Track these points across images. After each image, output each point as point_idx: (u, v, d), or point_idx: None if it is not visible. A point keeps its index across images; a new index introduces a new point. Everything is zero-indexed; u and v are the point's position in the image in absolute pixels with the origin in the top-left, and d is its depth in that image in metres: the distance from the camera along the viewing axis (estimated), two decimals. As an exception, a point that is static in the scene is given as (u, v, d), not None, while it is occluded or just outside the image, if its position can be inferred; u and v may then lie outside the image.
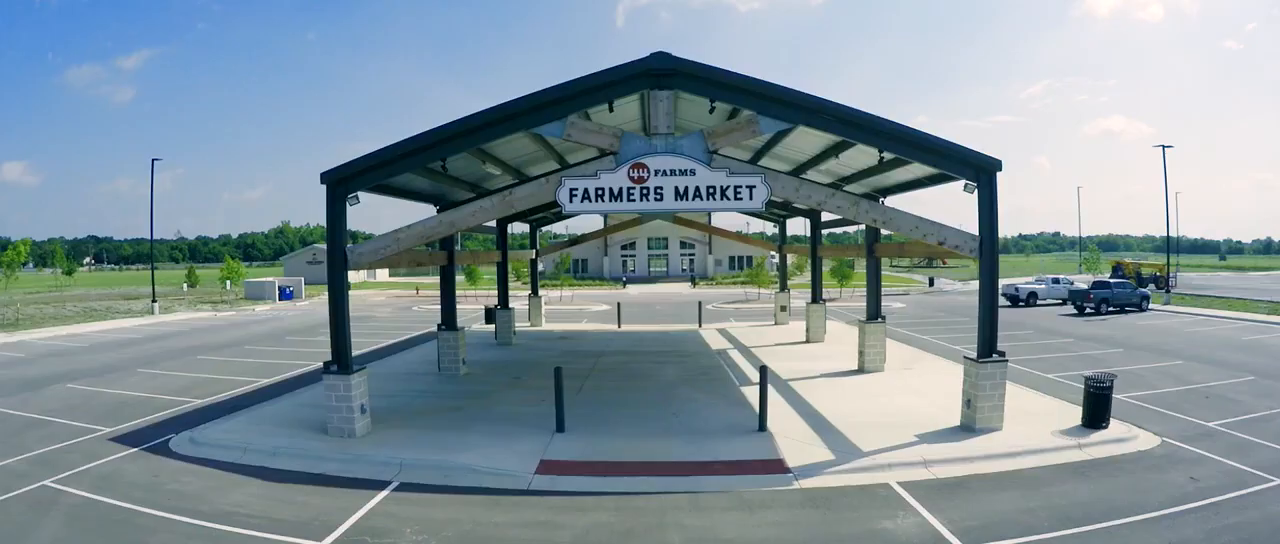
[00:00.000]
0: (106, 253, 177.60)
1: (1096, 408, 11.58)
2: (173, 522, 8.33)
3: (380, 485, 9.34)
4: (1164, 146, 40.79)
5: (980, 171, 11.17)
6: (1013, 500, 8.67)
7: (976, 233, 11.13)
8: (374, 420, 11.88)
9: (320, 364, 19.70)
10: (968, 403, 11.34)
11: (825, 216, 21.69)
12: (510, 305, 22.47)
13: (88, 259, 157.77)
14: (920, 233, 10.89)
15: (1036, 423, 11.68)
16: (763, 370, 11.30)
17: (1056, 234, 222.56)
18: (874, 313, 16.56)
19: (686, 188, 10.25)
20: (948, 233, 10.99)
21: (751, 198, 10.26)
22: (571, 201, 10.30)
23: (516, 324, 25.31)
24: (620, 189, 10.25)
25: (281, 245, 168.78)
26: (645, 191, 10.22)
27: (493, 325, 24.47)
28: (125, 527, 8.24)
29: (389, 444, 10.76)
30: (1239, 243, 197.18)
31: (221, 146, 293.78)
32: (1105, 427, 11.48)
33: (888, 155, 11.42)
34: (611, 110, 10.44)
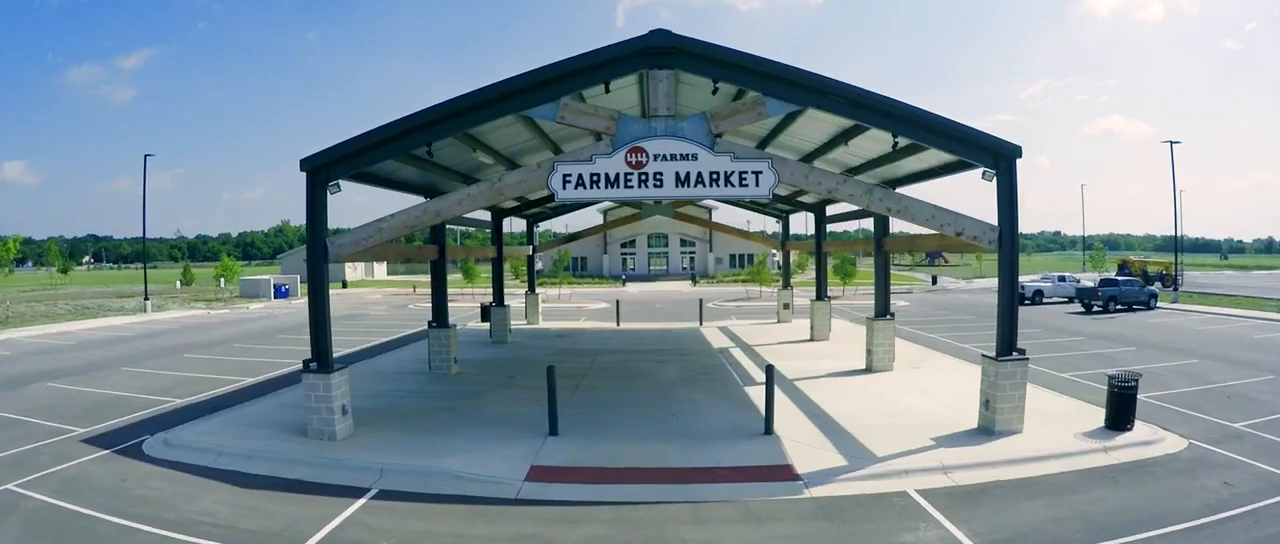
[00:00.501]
0: (106, 252, 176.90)
1: (1121, 409, 10.96)
2: (132, 530, 7.75)
3: (358, 493, 8.69)
4: (1171, 142, 40.12)
5: (999, 157, 10.54)
6: (1040, 509, 8.03)
7: (995, 223, 10.49)
8: (358, 422, 11.25)
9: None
10: (986, 404, 10.69)
11: (830, 211, 21.04)
12: (506, 303, 21.82)
13: (87, 258, 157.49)
14: (937, 223, 10.24)
15: (1057, 425, 11.05)
16: (769, 369, 10.63)
17: (1057, 233, 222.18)
18: (882, 310, 15.89)
19: (688, 173, 9.57)
20: (965, 223, 10.34)
21: (758, 184, 9.58)
22: (564, 188, 9.63)
23: (513, 322, 24.71)
24: (617, 175, 9.57)
25: (281, 244, 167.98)
26: (644, 177, 9.54)
27: (488, 323, 23.83)
28: (83, 535, 7.68)
29: (370, 448, 10.12)
30: (1240, 242, 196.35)
31: (222, 146, 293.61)
32: (1130, 428, 10.87)
33: (901, 141, 10.78)
34: (608, 91, 9.80)
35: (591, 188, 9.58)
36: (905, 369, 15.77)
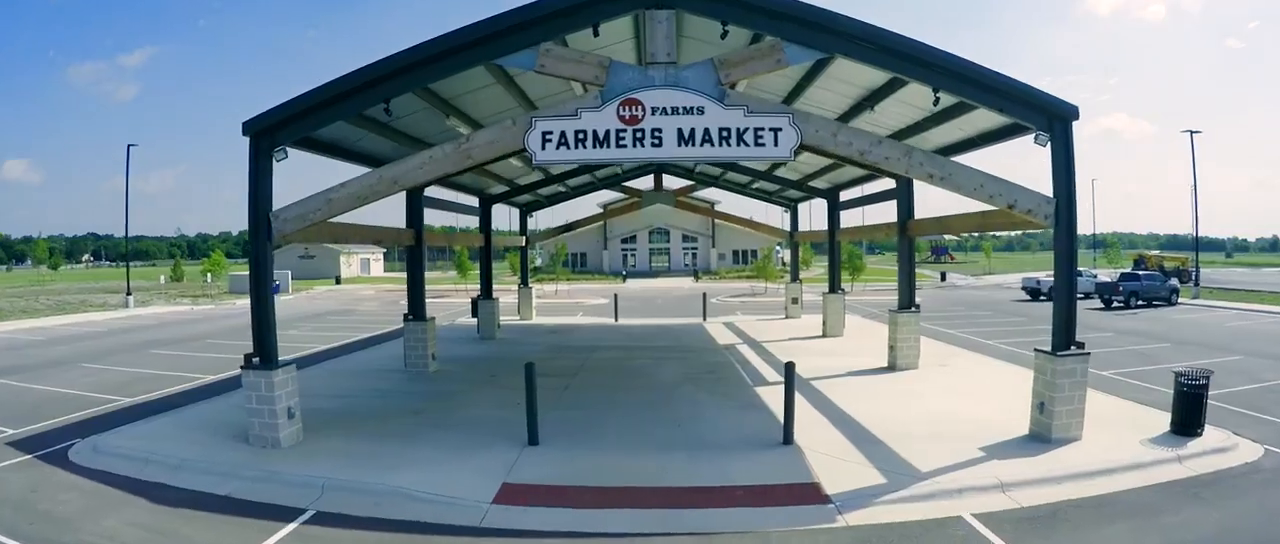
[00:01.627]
0: (106, 250, 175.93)
1: (1190, 411, 9.47)
2: (17, 556, 6.39)
3: (290, 515, 7.16)
4: (1192, 132, 38.77)
5: (1053, 119, 9.03)
6: (1127, 537, 6.52)
7: (1051, 195, 8.97)
8: (314, 426, 9.77)
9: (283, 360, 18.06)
10: (1041, 407, 9.15)
11: (844, 197, 19.49)
12: (494, 296, 20.30)
13: (87, 256, 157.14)
14: (985, 193, 8.69)
15: (1116, 430, 9.55)
16: (789, 367, 9.02)
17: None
18: (907, 301, 14.33)
19: (693, 130, 7.99)
20: (1018, 193, 8.80)
21: (777, 144, 8.00)
22: (544, 148, 8.06)
23: (507, 318, 23.26)
24: (607, 132, 8.00)
25: (282, 242, 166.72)
26: (639, 135, 7.97)
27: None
28: (-41, 561, 6.32)
29: (318, 458, 8.60)
30: (1244, 240, 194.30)
31: (224, 144, 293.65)
32: (1200, 433, 9.38)
33: (942, 100, 9.20)
34: (597, 35, 8.25)
35: (577, 147, 8.00)
36: (932, 367, 14.20)
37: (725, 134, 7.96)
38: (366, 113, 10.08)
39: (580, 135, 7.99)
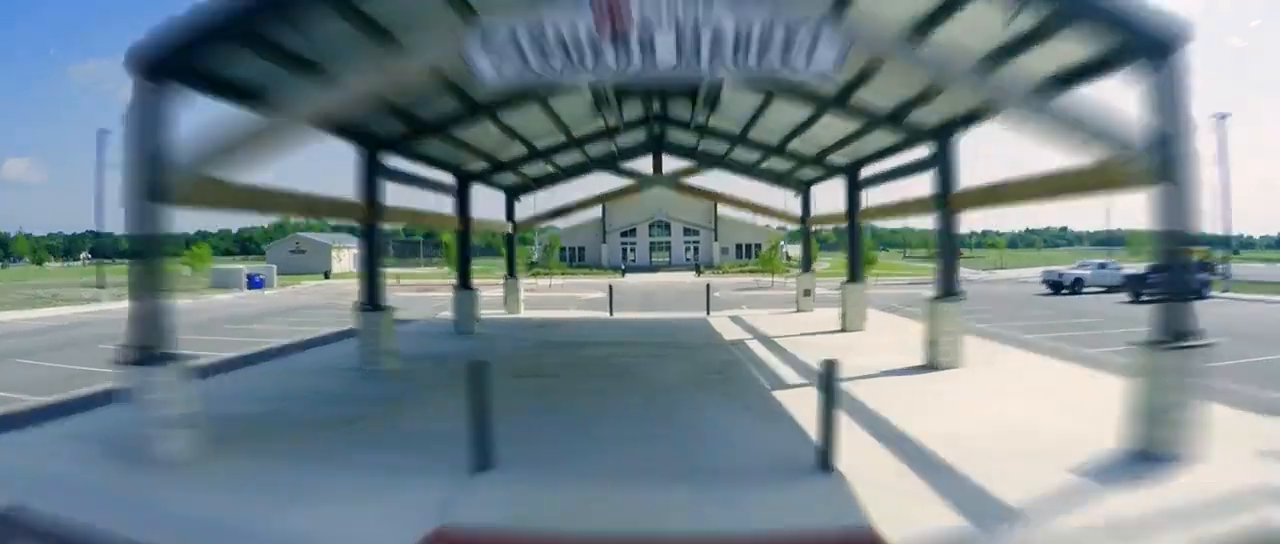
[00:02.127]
0: (103, 248, 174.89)
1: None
2: None
3: (140, 569, 5.17)
4: (1221, 115, 37.12)
5: (1163, 46, 6.94)
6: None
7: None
8: (227, 436, 7.78)
9: (230, 355, 16.25)
10: (1149, 417, 7.08)
11: (864, 173, 17.40)
12: (473, 287, 18.25)
13: (84, 253, 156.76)
14: (1089, 132, 6.61)
15: (1227, 443, 7.46)
16: (828, 367, 6.63)
17: (1063, 229, 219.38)
18: (948, 288, 12.20)
19: (698, 33, 5.84)
20: (1127, 139, 6.74)
21: (811, 58, 5.91)
22: (495, 67, 6.00)
23: (492, 312, 21.25)
24: (581, 40, 5.92)
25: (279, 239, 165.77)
26: (624, 42, 5.88)
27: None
28: None
29: (208, 482, 6.56)
30: (1250, 238, 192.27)
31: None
32: (1327, 445, 7.37)
33: (1018, 25, 7.13)
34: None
35: (539, 59, 5.93)
36: (978, 366, 12.04)
37: (743, 42, 5.85)
38: (294, 50, 8.07)
39: (543, 47, 5.89)
